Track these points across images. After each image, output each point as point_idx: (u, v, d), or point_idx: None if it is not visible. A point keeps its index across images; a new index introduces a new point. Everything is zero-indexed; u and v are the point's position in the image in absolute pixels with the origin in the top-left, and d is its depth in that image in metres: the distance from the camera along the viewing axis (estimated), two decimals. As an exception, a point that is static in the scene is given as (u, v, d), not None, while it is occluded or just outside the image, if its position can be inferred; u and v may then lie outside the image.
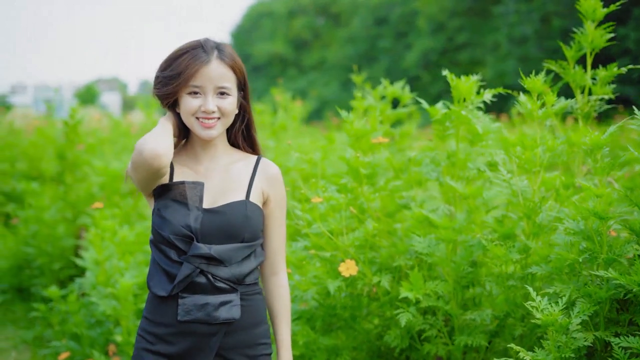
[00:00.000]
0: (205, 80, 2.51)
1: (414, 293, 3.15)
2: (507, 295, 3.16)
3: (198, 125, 2.54)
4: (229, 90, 2.54)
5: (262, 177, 2.63)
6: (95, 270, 4.90)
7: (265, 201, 2.64)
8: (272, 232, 2.68)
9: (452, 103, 3.51)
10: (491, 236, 3.28)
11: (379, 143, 3.61)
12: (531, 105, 3.07)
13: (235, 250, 2.50)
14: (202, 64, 2.51)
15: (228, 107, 2.54)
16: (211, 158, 2.63)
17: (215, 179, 2.59)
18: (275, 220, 2.67)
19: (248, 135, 2.74)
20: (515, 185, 3.13)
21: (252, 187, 2.60)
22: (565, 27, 19.13)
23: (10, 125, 11.19)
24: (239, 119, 2.69)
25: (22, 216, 7.09)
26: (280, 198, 2.67)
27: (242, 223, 2.51)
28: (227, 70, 2.55)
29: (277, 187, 2.66)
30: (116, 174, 6.47)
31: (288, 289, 2.72)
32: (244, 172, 2.63)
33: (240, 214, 2.51)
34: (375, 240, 3.47)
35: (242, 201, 2.54)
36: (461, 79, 3.43)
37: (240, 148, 2.73)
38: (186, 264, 2.46)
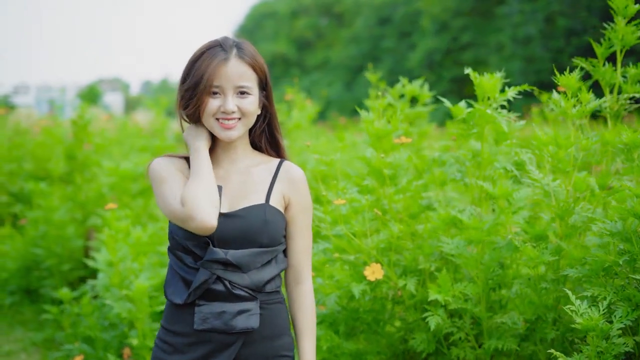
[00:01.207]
0: (224, 79, 2.41)
1: (442, 295, 3.07)
2: (539, 298, 3.08)
3: (218, 126, 2.43)
4: (250, 90, 2.43)
5: (284, 180, 2.50)
6: (108, 271, 4.82)
7: (287, 206, 2.51)
8: (295, 239, 2.53)
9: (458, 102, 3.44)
10: (521, 237, 3.21)
11: (400, 143, 3.53)
12: (565, 104, 2.99)
13: (253, 256, 2.39)
14: (220, 63, 2.41)
15: (249, 107, 2.43)
16: (231, 161, 2.52)
17: (234, 182, 2.48)
18: (299, 225, 2.53)
19: (271, 137, 2.60)
20: (548, 186, 3.05)
21: (272, 191, 2.47)
22: (570, 26, 19.07)
23: (16, 125, 11.12)
24: (261, 119, 2.57)
25: (31, 217, 7.01)
26: (304, 203, 2.53)
27: (261, 227, 2.39)
28: (247, 69, 2.43)
29: (300, 191, 2.52)
30: (126, 174, 6.38)
31: (313, 300, 2.58)
32: (264, 175, 2.51)
33: (259, 218, 2.40)
34: (400, 243, 3.39)
35: (261, 205, 2.42)
36: (485, 77, 3.35)
37: (264, 151, 2.60)
38: (202, 270, 2.37)
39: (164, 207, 2.37)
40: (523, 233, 3.31)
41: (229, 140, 2.44)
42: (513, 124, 3.33)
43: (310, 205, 2.55)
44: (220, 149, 2.52)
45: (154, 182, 2.44)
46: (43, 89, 52.84)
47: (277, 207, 2.46)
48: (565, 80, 3.02)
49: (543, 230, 3.08)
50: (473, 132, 3.43)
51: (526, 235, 3.21)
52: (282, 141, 2.62)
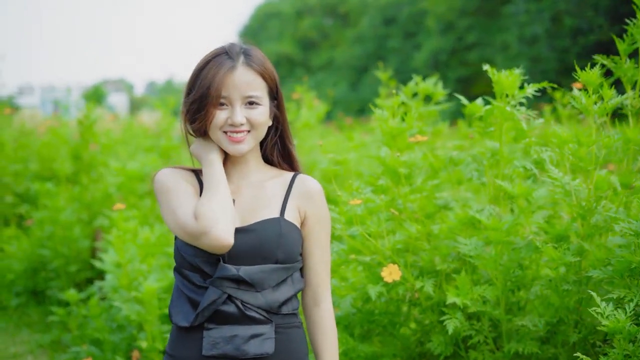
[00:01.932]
0: (232, 89, 2.25)
1: (461, 298, 3.00)
2: (561, 300, 3.00)
3: (226, 139, 2.26)
4: (259, 100, 2.28)
5: (299, 193, 2.33)
6: (116, 273, 4.75)
7: (303, 220, 2.33)
8: (312, 255, 2.35)
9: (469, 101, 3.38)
10: (541, 237, 3.13)
11: (416, 141, 3.46)
12: (586, 100, 2.91)
13: (268, 272, 2.21)
14: (227, 72, 2.25)
15: (258, 118, 2.27)
16: (242, 175, 2.36)
17: (246, 196, 2.31)
18: (316, 241, 2.35)
19: (284, 150, 2.43)
20: (568, 185, 2.97)
21: (286, 204, 2.30)
22: (577, 26, 18.97)
23: (21, 125, 11.06)
24: (273, 131, 2.40)
25: (37, 217, 6.94)
26: (321, 217, 2.35)
27: (276, 241, 2.22)
28: (255, 77, 2.28)
29: (317, 205, 2.34)
30: (133, 174, 6.32)
31: (334, 322, 2.39)
32: (277, 189, 2.34)
33: (274, 232, 2.23)
34: (417, 244, 3.31)
35: (275, 218, 2.26)
36: (503, 73, 3.28)
37: (276, 165, 2.44)
38: (212, 289, 2.18)
39: (172, 221, 2.18)
40: (542, 233, 3.24)
41: (239, 154, 2.29)
42: (532, 121, 3.25)
43: (328, 219, 2.39)
44: (230, 163, 2.37)
45: (161, 194, 2.27)
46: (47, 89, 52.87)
47: (293, 221, 2.29)
48: (587, 76, 2.94)
49: (564, 230, 3.00)
50: (490, 130, 3.36)
51: (546, 235, 3.13)
52: (295, 154, 2.46)
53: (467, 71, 25.60)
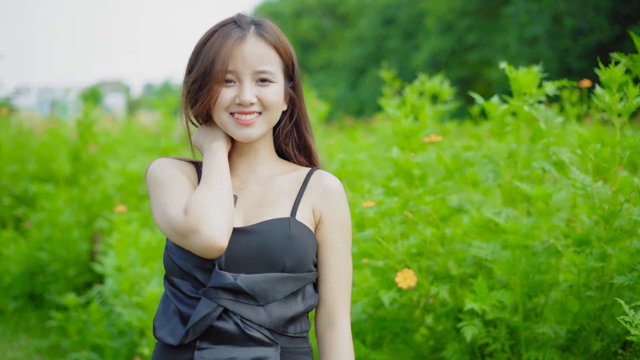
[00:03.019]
0: (240, 62, 1.92)
1: (479, 304, 2.88)
2: (583, 306, 2.88)
3: (232, 122, 1.94)
4: (272, 76, 1.95)
5: (315, 191, 2.00)
6: (116, 277, 4.63)
7: (319, 223, 1.99)
8: (329, 266, 1.99)
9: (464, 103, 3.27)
10: (561, 241, 3.01)
11: (430, 142, 3.34)
12: (610, 98, 2.79)
13: (272, 282, 1.86)
14: (235, 43, 1.92)
15: (271, 98, 1.94)
16: (250, 168, 2.04)
17: (252, 192, 2.00)
18: (333, 249, 1.99)
19: (300, 140, 2.10)
20: (590, 187, 2.85)
21: (299, 203, 1.97)
22: (577, 27, 18.89)
23: (19, 126, 10.93)
24: (287, 117, 2.07)
25: (35, 219, 6.82)
26: (340, 220, 2.00)
27: (283, 244, 1.88)
28: (268, 50, 1.95)
29: (335, 206, 1.99)
30: (134, 175, 6.20)
31: (351, 349, 2.00)
32: (290, 186, 2.01)
33: (281, 233, 1.89)
34: (431, 248, 3.19)
35: (284, 219, 1.93)
36: (521, 71, 3.16)
37: (292, 158, 2.11)
38: (204, 300, 1.83)
39: (160, 216, 1.87)
40: (561, 237, 3.12)
41: (247, 140, 1.95)
42: (551, 121, 3.13)
43: (349, 224, 2.02)
44: (237, 154, 2.04)
45: (152, 188, 1.95)
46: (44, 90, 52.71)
47: (306, 223, 1.96)
48: (609, 73, 2.82)
49: (587, 234, 2.88)
50: (507, 130, 3.25)
51: (567, 239, 3.02)
52: (314, 145, 2.11)
53: (467, 72, 25.51)
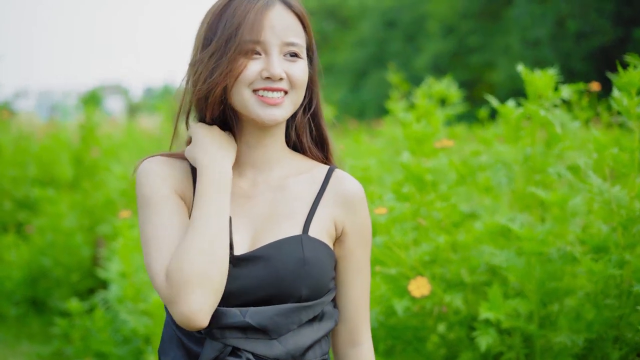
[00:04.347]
0: (268, 31, 1.67)
1: (494, 313, 2.81)
2: (601, 314, 2.81)
3: (256, 101, 1.67)
4: (301, 51, 1.72)
5: (335, 198, 1.75)
6: (121, 283, 4.56)
7: (340, 236, 1.76)
8: (350, 282, 1.79)
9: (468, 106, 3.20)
10: (577, 248, 2.95)
11: (442, 147, 3.28)
12: (628, 102, 2.73)
13: (286, 314, 1.65)
14: (262, 8, 1.68)
15: (301, 75, 1.71)
16: (260, 167, 1.77)
17: (263, 201, 1.74)
18: (356, 265, 1.78)
19: (318, 131, 1.84)
20: (608, 192, 2.79)
21: (314, 214, 1.72)
22: (580, 29, 18.84)
23: (20, 130, 10.87)
24: (304, 104, 1.82)
25: (38, 224, 6.75)
26: (364, 232, 1.78)
27: (297, 273, 1.65)
28: (295, 21, 1.73)
29: (359, 216, 1.76)
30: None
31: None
32: (305, 190, 1.76)
33: (293, 258, 1.65)
34: (445, 255, 3.13)
35: (295, 237, 1.67)
36: (536, 74, 3.11)
37: (306, 152, 1.85)
38: (209, 342, 1.63)
39: (145, 263, 1.63)
40: (577, 243, 3.06)
41: (272, 122, 1.69)
42: (567, 125, 3.07)
43: (370, 234, 1.80)
44: (246, 147, 1.76)
45: (139, 204, 1.69)
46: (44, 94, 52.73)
47: (323, 238, 1.72)
48: (628, 76, 2.76)
49: (604, 241, 2.81)
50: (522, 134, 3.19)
51: (584, 245, 2.95)
52: (330, 136, 1.86)
53: (469, 74, 25.45)
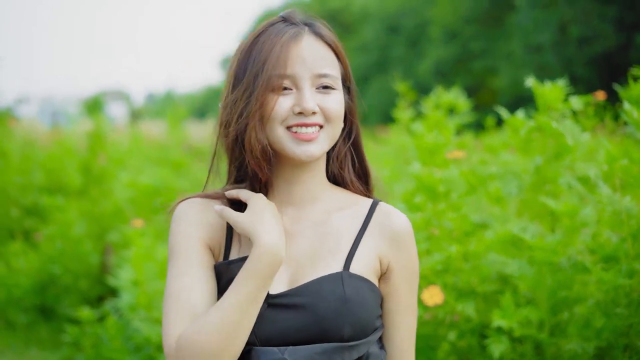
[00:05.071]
0: (298, 64, 1.61)
1: (506, 321, 2.86)
2: (611, 323, 2.86)
3: (290, 139, 1.61)
4: (335, 82, 1.65)
5: (381, 233, 1.68)
6: (133, 291, 4.60)
7: (386, 273, 1.69)
8: (397, 322, 1.71)
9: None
10: (588, 257, 3.00)
11: (453, 158, 3.33)
12: (637, 114, 2.78)
13: (329, 354, 1.58)
14: (290, 40, 1.62)
15: (335, 108, 1.64)
16: (299, 204, 1.70)
17: (304, 240, 1.68)
18: (402, 303, 1.70)
19: (359, 163, 1.77)
20: (618, 203, 2.84)
21: (357, 250, 1.65)
22: (583, 34, 18.88)
23: (25, 137, 10.92)
24: (344, 135, 1.75)
25: (46, 232, 6.79)
26: (412, 269, 1.71)
27: (339, 311, 1.57)
28: (327, 52, 1.65)
29: (407, 252, 1.69)
30: (146, 188, 6.16)
31: None
32: (348, 226, 1.69)
33: (335, 296, 1.58)
34: (457, 264, 3.17)
35: (336, 274, 1.61)
36: (546, 86, 3.16)
37: (348, 185, 1.77)
38: None
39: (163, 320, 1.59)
40: (587, 253, 3.11)
41: (309, 159, 1.62)
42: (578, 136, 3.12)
43: (417, 270, 1.74)
44: (283, 182, 1.70)
45: (169, 251, 1.67)
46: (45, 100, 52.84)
47: (366, 275, 1.65)
48: (638, 89, 2.82)
49: (614, 251, 2.86)
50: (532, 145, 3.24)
51: (594, 255, 3.00)
52: (372, 170, 1.80)
53: (472, 80, 25.49)
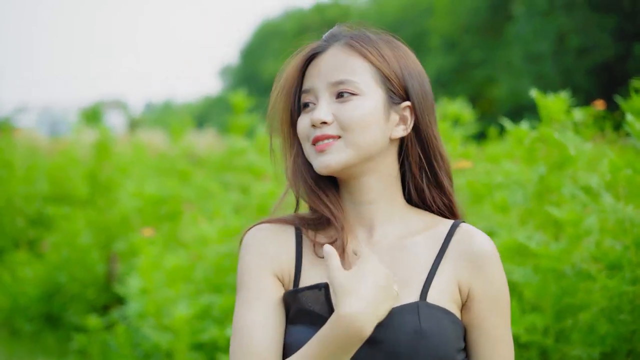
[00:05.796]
0: (316, 77, 1.59)
1: (513, 327, 2.93)
2: (615, 329, 2.94)
3: (313, 153, 1.57)
4: (354, 87, 1.55)
5: (460, 257, 1.57)
6: (141, 299, 4.67)
7: (467, 301, 1.56)
8: (484, 355, 1.56)
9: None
10: (592, 265, 3.07)
11: (460, 168, 3.41)
12: (639, 125, 2.86)
13: None
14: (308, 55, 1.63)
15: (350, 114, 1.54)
16: (371, 226, 1.62)
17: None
18: (489, 334, 1.56)
19: (435, 181, 1.64)
20: (622, 212, 2.91)
21: (434, 277, 1.55)
22: (582, 44, 18.99)
23: (28, 146, 10.99)
24: (415, 148, 1.63)
25: (52, 241, 6.87)
26: (497, 295, 1.57)
27: (413, 346, 1.47)
28: (351, 58, 1.58)
29: (490, 277, 1.56)
30: (153, 198, 6.23)
31: None
32: (425, 250, 1.58)
33: (408, 329, 1.48)
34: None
35: (411, 305, 1.51)
36: (549, 98, 3.24)
37: (429, 205, 1.66)
38: None
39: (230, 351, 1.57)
40: (591, 261, 3.18)
41: (325, 171, 1.56)
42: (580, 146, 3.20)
43: (508, 296, 1.59)
44: (350, 202, 1.63)
45: (237, 287, 1.63)
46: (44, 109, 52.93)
47: (445, 304, 1.54)
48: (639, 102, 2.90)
49: (618, 258, 2.94)
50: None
51: (598, 263, 3.08)
52: (451, 188, 1.67)
53: (471, 90, 25.62)
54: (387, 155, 1.63)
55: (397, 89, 1.61)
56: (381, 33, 1.67)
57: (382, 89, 1.59)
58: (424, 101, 1.64)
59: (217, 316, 4.25)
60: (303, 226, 1.64)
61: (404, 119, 1.63)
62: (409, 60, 1.64)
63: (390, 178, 1.63)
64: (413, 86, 1.62)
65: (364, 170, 1.60)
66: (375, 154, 1.59)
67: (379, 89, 1.59)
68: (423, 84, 1.65)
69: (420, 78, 1.64)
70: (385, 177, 1.63)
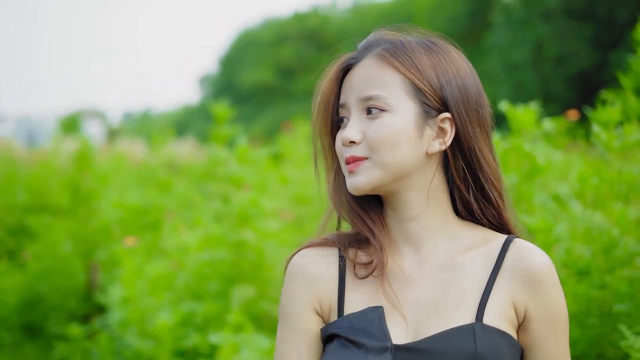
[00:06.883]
0: (349, 89, 1.51)
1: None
2: (584, 333, 3.04)
3: (346, 172, 1.51)
4: (383, 103, 1.46)
5: (515, 276, 1.48)
6: (123, 308, 4.72)
7: (524, 322, 1.49)
8: None
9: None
10: (562, 271, 3.18)
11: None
12: (607, 137, 2.98)
13: None
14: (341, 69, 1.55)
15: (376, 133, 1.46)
16: (418, 243, 1.53)
17: (427, 286, 1.50)
18: (547, 354, 1.49)
19: (482, 194, 1.54)
20: (589, 220, 3.02)
21: (490, 296, 1.47)
22: (560, 53, 19.21)
23: (6, 156, 10.96)
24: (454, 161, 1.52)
25: (33, 251, 6.89)
26: (555, 315, 1.50)
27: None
28: (381, 70, 1.48)
29: (544, 295, 1.48)
30: (134, 208, 6.28)
31: None
32: (478, 268, 1.50)
33: (463, 352, 1.41)
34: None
35: (466, 327, 1.44)
36: (519, 110, 3.36)
37: (479, 219, 1.56)
38: None
39: None
40: (561, 267, 3.28)
41: (355, 192, 1.49)
42: (552, 156, 3.31)
43: (566, 316, 1.52)
44: (394, 219, 1.55)
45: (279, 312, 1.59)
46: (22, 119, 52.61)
47: (501, 325, 1.46)
48: (606, 113, 3.01)
49: (587, 265, 3.04)
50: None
51: (567, 269, 3.18)
52: (503, 203, 1.56)
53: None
54: (425, 169, 1.52)
55: (433, 100, 1.49)
56: (424, 35, 1.58)
57: (415, 102, 1.48)
58: (467, 110, 1.50)
59: (198, 323, 4.31)
60: (344, 245, 1.56)
61: (442, 131, 1.50)
62: (451, 65, 1.52)
63: (434, 192, 1.53)
64: (452, 95, 1.49)
65: (402, 187, 1.51)
66: (409, 171, 1.50)
67: (412, 102, 1.48)
68: (466, 91, 1.51)
69: (462, 83, 1.51)
70: (428, 192, 1.52)
